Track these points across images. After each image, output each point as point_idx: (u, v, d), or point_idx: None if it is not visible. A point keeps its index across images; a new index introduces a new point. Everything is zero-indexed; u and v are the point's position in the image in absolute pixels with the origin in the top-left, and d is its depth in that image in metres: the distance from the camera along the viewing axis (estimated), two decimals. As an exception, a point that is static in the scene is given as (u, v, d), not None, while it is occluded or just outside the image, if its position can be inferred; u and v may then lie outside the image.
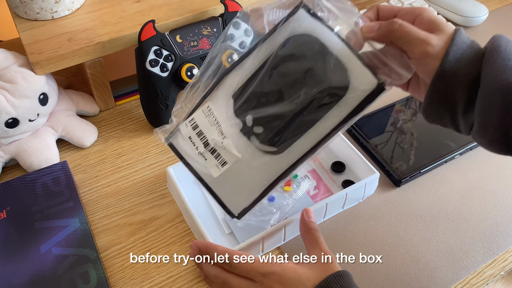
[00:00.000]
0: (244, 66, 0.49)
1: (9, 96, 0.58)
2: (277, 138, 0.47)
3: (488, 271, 0.55)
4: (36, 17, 0.66)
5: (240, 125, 0.48)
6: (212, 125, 0.49)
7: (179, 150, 0.51)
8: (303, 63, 0.46)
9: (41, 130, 0.64)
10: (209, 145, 0.49)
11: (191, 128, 0.50)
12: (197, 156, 0.50)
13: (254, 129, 0.48)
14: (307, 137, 0.47)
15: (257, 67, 0.48)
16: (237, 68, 0.49)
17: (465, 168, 0.65)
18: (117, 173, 0.64)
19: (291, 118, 0.46)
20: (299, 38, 0.46)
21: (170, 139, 0.52)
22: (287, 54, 0.46)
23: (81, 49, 0.63)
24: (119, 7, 0.69)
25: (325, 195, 0.61)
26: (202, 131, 0.50)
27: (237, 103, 0.48)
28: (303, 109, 0.46)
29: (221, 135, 0.49)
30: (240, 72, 0.49)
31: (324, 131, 0.46)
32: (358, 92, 0.44)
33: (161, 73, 0.63)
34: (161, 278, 0.54)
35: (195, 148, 0.50)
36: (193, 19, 0.68)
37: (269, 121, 0.47)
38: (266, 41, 0.48)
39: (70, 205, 0.59)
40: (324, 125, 0.46)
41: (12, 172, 0.65)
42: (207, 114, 0.50)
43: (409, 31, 0.44)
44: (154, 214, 0.60)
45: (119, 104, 0.73)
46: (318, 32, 0.46)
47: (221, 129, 0.49)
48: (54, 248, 0.54)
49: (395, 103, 0.72)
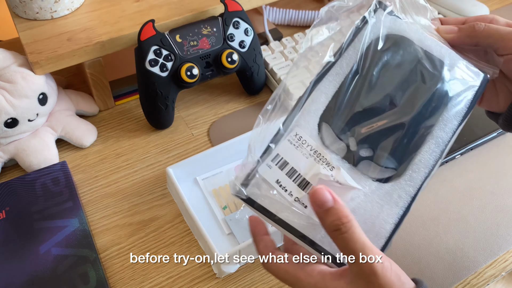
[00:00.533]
0: (325, 84, 0.40)
1: (8, 96, 0.58)
2: (394, 159, 0.39)
3: (488, 272, 0.55)
4: (36, 16, 0.66)
5: (343, 151, 0.39)
6: (309, 157, 0.38)
7: (263, 205, 0.38)
8: (402, 66, 0.40)
9: (40, 130, 0.64)
10: (309, 185, 0.38)
11: (278, 168, 0.38)
12: (291, 204, 0.37)
13: (361, 153, 0.39)
14: (428, 148, 0.39)
15: (343, 81, 0.40)
16: (320, 87, 0.40)
17: (465, 168, 0.65)
18: (117, 173, 0.64)
19: (405, 131, 0.39)
20: (390, 40, 0.41)
21: (246, 190, 0.38)
22: (381, 59, 0.40)
23: (80, 49, 0.63)
24: (118, 6, 0.69)
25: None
26: (295, 168, 0.38)
27: (332, 125, 0.39)
28: (416, 117, 0.39)
29: (327, 166, 0.38)
30: (324, 90, 0.40)
31: (445, 137, 0.40)
32: (468, 88, 0.41)
33: (161, 73, 0.63)
34: (161, 278, 0.54)
35: (288, 194, 0.37)
36: (193, 18, 0.68)
37: (378, 140, 0.39)
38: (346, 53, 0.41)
39: (69, 205, 0.58)
40: (444, 130, 0.40)
41: (12, 172, 0.64)
42: (297, 145, 0.38)
43: (498, 28, 0.42)
44: (153, 214, 0.60)
45: (118, 104, 0.73)
46: (407, 32, 0.42)
47: (323, 158, 0.38)
48: (53, 249, 0.54)
49: (395, 103, 0.71)
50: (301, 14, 0.84)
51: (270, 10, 0.84)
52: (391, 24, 0.41)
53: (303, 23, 0.85)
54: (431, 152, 0.40)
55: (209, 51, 0.65)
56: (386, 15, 0.42)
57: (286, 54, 0.75)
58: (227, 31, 0.66)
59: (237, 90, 0.75)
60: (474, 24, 0.43)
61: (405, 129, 0.39)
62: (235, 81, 0.76)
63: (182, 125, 0.70)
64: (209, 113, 0.72)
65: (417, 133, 0.39)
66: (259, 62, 0.70)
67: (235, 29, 0.67)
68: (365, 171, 0.39)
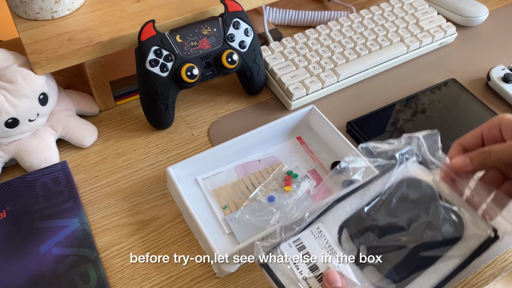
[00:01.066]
0: (353, 199, 0.49)
1: (9, 96, 0.58)
2: (395, 273, 0.44)
3: (488, 271, 0.55)
4: (36, 17, 0.66)
5: (354, 254, 0.45)
6: (323, 248, 0.46)
7: (276, 274, 0.45)
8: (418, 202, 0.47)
9: (41, 130, 0.64)
10: (317, 270, 0.44)
11: (296, 249, 0.46)
12: (299, 280, 0.44)
13: (369, 259, 0.45)
14: (428, 275, 0.44)
15: (368, 202, 0.48)
16: (347, 199, 0.49)
17: (465, 168, 0.65)
18: (117, 173, 0.64)
19: (411, 251, 0.45)
20: (412, 181, 0.49)
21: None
22: (401, 192, 0.48)
23: (81, 49, 0.63)
24: (119, 7, 0.69)
25: (325, 195, 0.61)
26: (310, 253, 0.45)
27: (349, 230, 0.47)
28: (421, 245, 0.45)
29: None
30: (351, 203, 0.48)
31: (445, 270, 0.44)
32: (474, 238, 0.46)
33: (161, 73, 0.63)
34: (161, 278, 0.54)
35: (299, 272, 0.44)
36: (193, 19, 0.68)
37: (385, 253, 0.45)
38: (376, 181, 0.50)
39: (70, 205, 0.58)
40: (446, 264, 0.45)
41: (12, 172, 0.65)
42: (316, 236, 0.46)
43: (500, 151, 0.45)
44: (154, 214, 0.60)
45: (119, 104, 0.73)
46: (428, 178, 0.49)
47: (335, 253, 0.45)
48: (54, 248, 0.54)
49: (395, 103, 0.72)
50: (301, 15, 0.84)
51: (270, 10, 0.84)
52: (417, 169, 0.50)
53: (303, 23, 0.85)
54: (430, 279, 0.44)
55: (209, 51, 0.65)
56: (414, 161, 0.50)
57: (286, 54, 0.75)
58: (227, 31, 0.66)
59: (237, 90, 0.75)
60: (481, 153, 0.46)
61: (409, 252, 0.45)
62: (235, 81, 0.76)
63: (182, 125, 0.71)
64: (209, 113, 0.72)
65: (421, 259, 0.45)
66: (259, 62, 0.71)
67: (235, 30, 0.67)
68: (368, 275, 0.44)
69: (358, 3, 0.91)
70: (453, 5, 0.87)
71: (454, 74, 0.78)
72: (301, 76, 0.72)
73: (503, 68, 0.76)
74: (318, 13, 0.85)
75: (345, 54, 0.75)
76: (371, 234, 0.46)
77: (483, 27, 0.87)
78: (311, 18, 0.85)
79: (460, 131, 0.68)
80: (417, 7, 0.83)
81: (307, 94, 0.72)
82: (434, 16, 0.82)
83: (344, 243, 0.46)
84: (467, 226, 0.46)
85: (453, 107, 0.72)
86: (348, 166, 0.50)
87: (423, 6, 0.83)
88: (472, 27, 0.87)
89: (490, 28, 0.87)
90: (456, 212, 0.47)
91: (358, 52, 0.76)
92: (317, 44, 0.76)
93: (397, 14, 0.81)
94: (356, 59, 0.75)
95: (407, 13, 0.82)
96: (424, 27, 0.80)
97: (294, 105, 0.72)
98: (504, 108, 0.73)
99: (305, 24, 0.86)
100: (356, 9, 0.87)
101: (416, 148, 0.51)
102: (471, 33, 0.86)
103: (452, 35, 0.82)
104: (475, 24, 0.87)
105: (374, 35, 0.78)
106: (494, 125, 0.48)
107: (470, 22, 0.86)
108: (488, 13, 0.87)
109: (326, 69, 0.74)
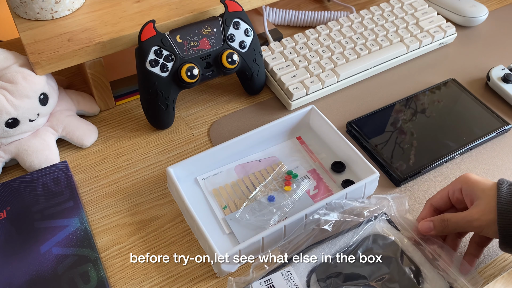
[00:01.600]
0: (325, 247, 0.53)
1: (9, 96, 0.59)
2: None
3: (488, 271, 0.55)
4: (36, 17, 0.66)
5: None
6: None
7: None
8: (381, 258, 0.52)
9: (41, 130, 0.64)
10: None
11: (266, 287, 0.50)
12: None
13: None
14: None
15: (336, 251, 0.53)
16: (319, 247, 0.53)
17: (465, 168, 0.65)
18: (117, 173, 0.65)
19: None
20: (378, 237, 0.54)
21: None
22: (367, 246, 0.53)
23: (81, 49, 0.63)
24: (119, 7, 0.69)
25: (325, 195, 0.61)
26: None
27: (317, 275, 0.51)
28: None
29: None
30: (321, 251, 0.53)
31: None
32: None
33: (161, 73, 0.63)
34: (161, 278, 0.54)
35: None
36: (193, 19, 0.68)
37: None
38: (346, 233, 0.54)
39: (70, 205, 0.59)
40: None
41: (12, 172, 0.65)
42: (286, 278, 0.50)
43: (456, 222, 0.51)
44: (154, 214, 0.60)
45: (119, 104, 0.74)
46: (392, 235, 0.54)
47: None
48: (54, 248, 0.54)
49: (395, 103, 0.72)
50: (301, 15, 0.84)
51: (270, 10, 0.84)
52: (384, 228, 0.55)
53: (303, 23, 0.85)
54: None
55: (209, 51, 0.65)
56: (383, 219, 0.55)
57: (286, 54, 0.75)
58: (227, 31, 0.66)
59: (237, 90, 0.75)
60: (441, 220, 0.52)
61: None
62: (235, 81, 0.76)
63: (183, 125, 0.71)
64: (209, 113, 0.72)
65: None
66: (259, 63, 0.71)
67: (235, 30, 0.67)
68: None
69: (358, 3, 0.91)
70: (453, 5, 0.87)
71: (454, 74, 0.78)
72: (301, 76, 0.73)
73: (503, 68, 0.76)
74: (318, 13, 0.85)
75: (345, 54, 0.76)
76: (336, 279, 0.50)
77: (483, 27, 0.87)
78: (311, 18, 0.85)
79: (459, 131, 0.68)
80: (417, 7, 0.83)
81: (307, 94, 0.72)
82: (434, 16, 0.83)
83: (312, 286, 0.50)
84: (426, 281, 0.51)
85: (452, 107, 0.72)
86: (321, 218, 0.54)
87: (423, 6, 0.83)
88: (472, 27, 0.87)
89: (489, 28, 0.87)
90: (416, 269, 0.51)
91: (358, 52, 0.76)
92: (317, 44, 0.77)
93: (397, 14, 0.82)
94: (356, 59, 0.75)
95: (407, 13, 0.82)
96: (424, 27, 0.80)
97: (294, 105, 0.72)
98: (504, 108, 0.73)
99: (305, 24, 0.86)
100: (356, 9, 0.87)
101: (386, 208, 0.56)
102: (471, 33, 0.86)
103: (452, 35, 0.82)
104: (475, 24, 0.87)
105: (374, 35, 0.78)
106: (457, 188, 0.53)
107: (470, 22, 0.86)
108: (488, 13, 0.87)
109: (326, 69, 0.74)
